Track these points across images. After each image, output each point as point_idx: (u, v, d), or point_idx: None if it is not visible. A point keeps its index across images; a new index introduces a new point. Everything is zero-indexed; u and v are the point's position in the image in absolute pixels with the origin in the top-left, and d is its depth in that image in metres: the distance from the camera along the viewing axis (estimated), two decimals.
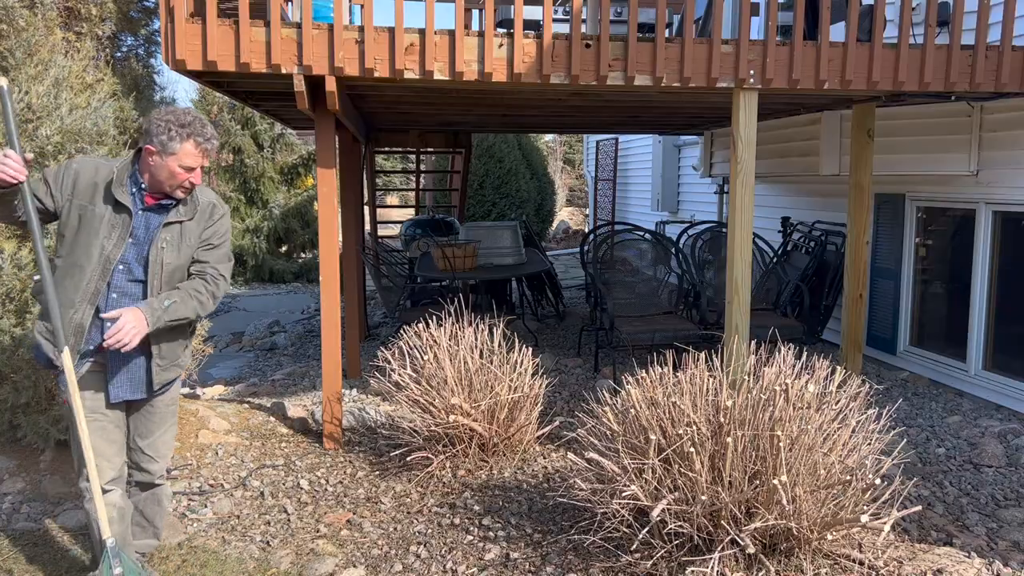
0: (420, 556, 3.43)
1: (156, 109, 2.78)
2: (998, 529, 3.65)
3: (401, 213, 16.63)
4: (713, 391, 3.24)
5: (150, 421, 2.96)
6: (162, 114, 2.71)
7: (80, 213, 2.69)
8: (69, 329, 2.70)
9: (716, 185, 9.71)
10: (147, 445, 2.97)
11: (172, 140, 2.66)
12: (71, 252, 2.70)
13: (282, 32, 4.00)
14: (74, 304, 2.70)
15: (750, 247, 4.66)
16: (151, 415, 2.95)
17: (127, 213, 2.72)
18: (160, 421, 2.98)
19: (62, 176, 2.71)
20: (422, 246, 8.48)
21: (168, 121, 2.67)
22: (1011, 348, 5.41)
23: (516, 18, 4.16)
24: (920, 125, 5.85)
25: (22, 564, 3.34)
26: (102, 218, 2.70)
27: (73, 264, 2.70)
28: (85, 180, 2.71)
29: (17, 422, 4.07)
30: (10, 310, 3.99)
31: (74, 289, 2.70)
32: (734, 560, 3.06)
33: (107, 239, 2.70)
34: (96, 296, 2.71)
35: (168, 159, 2.67)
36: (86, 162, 2.77)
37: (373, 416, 5.03)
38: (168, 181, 2.71)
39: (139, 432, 2.96)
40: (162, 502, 3.15)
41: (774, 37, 4.40)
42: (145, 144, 2.70)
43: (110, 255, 2.71)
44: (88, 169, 2.73)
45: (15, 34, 4.09)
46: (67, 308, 2.70)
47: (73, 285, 2.70)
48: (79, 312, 2.71)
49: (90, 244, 2.69)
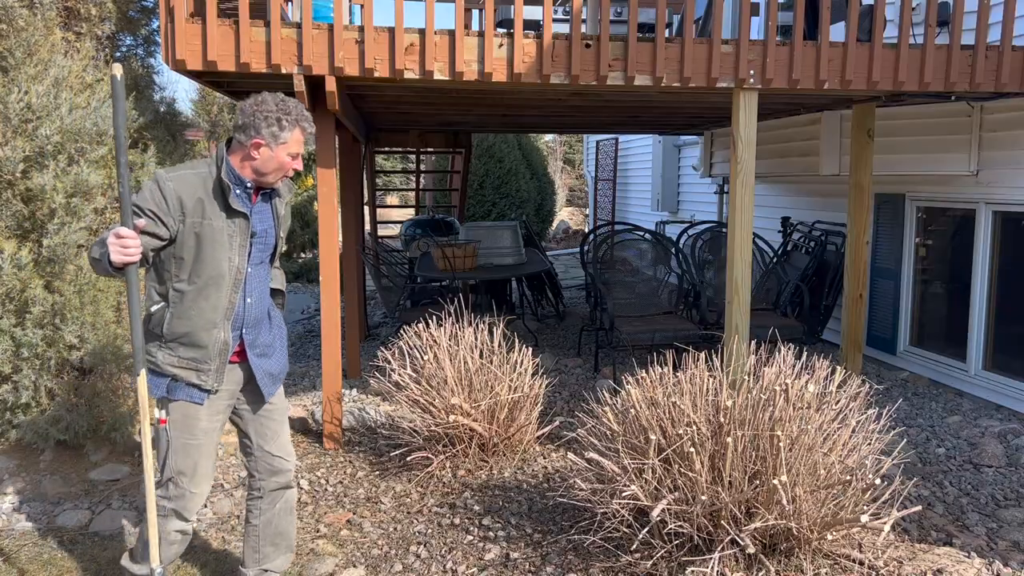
0: (420, 556, 3.43)
1: (243, 101, 2.62)
2: (998, 529, 3.65)
3: (401, 213, 16.64)
4: (713, 391, 3.24)
5: (272, 421, 2.88)
6: (258, 105, 2.58)
7: (196, 231, 2.56)
8: (215, 350, 2.63)
9: (716, 185, 9.71)
10: (278, 447, 2.89)
11: (283, 130, 2.56)
12: (198, 273, 2.59)
13: (282, 32, 4.00)
14: (216, 323, 2.62)
15: (750, 247, 4.66)
16: (271, 415, 2.88)
17: (244, 218, 2.63)
18: (281, 419, 2.93)
19: (165, 201, 2.53)
20: (422, 246, 8.48)
21: (271, 111, 2.56)
22: (1011, 348, 5.41)
23: (516, 18, 4.16)
24: (920, 125, 5.84)
25: (22, 564, 3.33)
26: (222, 231, 2.58)
27: (206, 284, 2.59)
28: (190, 197, 2.55)
29: (17, 422, 4.07)
30: (10, 310, 3.99)
31: (212, 309, 2.61)
32: (734, 560, 3.06)
33: (232, 251, 2.61)
34: (232, 308, 2.65)
35: (278, 149, 2.58)
36: (179, 178, 2.57)
37: (373, 416, 5.03)
38: (276, 172, 2.62)
39: (263, 436, 2.86)
40: (293, 510, 3.04)
41: (774, 37, 4.40)
42: (252, 139, 2.57)
43: (239, 266, 2.64)
44: (186, 185, 2.56)
45: (15, 34, 4.09)
46: (209, 329, 2.61)
47: (211, 306, 2.60)
48: (220, 330, 2.63)
49: (218, 260, 2.59)
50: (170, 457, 2.65)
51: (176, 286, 2.59)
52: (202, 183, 2.58)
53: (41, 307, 3.98)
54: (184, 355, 2.61)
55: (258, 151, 2.58)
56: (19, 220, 4.05)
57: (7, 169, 3.96)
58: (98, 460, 4.23)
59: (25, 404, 4.05)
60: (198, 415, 2.66)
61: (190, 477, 2.67)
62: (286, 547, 3.01)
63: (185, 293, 2.59)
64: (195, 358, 2.62)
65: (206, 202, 2.57)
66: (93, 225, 4.26)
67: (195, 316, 2.59)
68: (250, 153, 2.59)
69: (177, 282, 2.59)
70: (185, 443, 2.65)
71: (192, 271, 2.58)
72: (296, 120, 2.59)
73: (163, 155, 4.89)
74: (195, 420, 2.66)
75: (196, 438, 2.67)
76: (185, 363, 2.61)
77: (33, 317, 3.98)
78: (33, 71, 4.11)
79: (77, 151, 4.17)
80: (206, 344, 2.61)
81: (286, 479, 2.93)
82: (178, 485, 2.66)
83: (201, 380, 2.63)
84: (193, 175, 2.58)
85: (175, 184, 2.54)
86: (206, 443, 2.70)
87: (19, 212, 4.03)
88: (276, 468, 2.89)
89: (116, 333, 4.30)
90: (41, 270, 4.06)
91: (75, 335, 4.07)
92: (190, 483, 2.68)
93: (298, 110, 2.61)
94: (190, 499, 2.69)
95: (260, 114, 2.55)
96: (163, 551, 2.71)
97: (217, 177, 2.59)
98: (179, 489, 2.67)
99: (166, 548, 2.72)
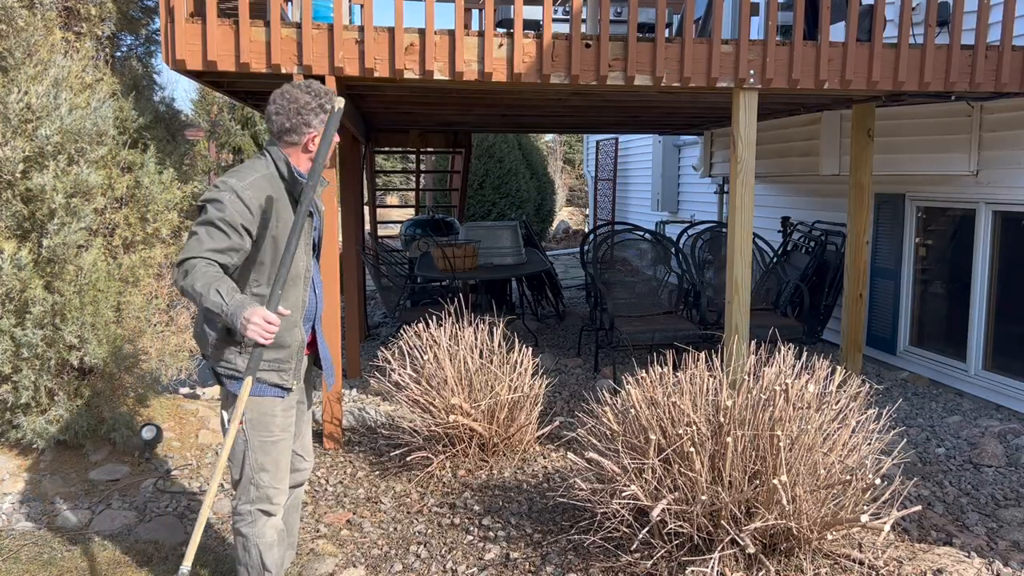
0: (420, 556, 3.43)
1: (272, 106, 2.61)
2: (998, 529, 3.65)
3: (401, 213, 16.64)
4: (713, 391, 3.24)
5: (301, 420, 2.91)
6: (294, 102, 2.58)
7: (274, 235, 2.57)
8: (296, 348, 2.66)
9: (716, 185, 9.71)
10: (301, 446, 2.93)
11: (325, 112, 2.59)
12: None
13: (282, 32, 4.00)
14: (297, 323, 2.66)
15: (750, 247, 4.66)
16: (302, 414, 2.91)
17: (310, 215, 2.65)
18: (308, 419, 2.96)
19: (249, 212, 2.51)
20: (422, 246, 8.48)
21: (309, 102, 2.57)
22: (1011, 348, 5.41)
23: (516, 18, 4.16)
24: (920, 125, 5.84)
25: (22, 564, 3.33)
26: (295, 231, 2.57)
27: (286, 286, 2.60)
28: (263, 203, 2.55)
29: (17, 422, 4.07)
30: (10, 310, 3.99)
31: (293, 309, 2.64)
32: (734, 560, 3.06)
33: (303, 250, 2.65)
34: (306, 305, 2.70)
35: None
36: (253, 185, 2.54)
37: (373, 416, 5.03)
38: (327, 158, 2.61)
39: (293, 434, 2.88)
40: (299, 507, 3.09)
41: (774, 37, 4.40)
42: (307, 134, 2.58)
43: (308, 263, 2.68)
44: (257, 190, 2.54)
45: (14, 34, 4.09)
46: (291, 329, 2.64)
47: (291, 306, 2.63)
48: (299, 328, 2.68)
49: (296, 260, 2.62)
50: (249, 457, 2.65)
51: (256, 291, 2.60)
52: (270, 185, 2.58)
53: (41, 307, 3.98)
54: (268, 357, 2.62)
55: (314, 143, 2.61)
56: (19, 220, 4.05)
57: (7, 169, 3.95)
58: (98, 460, 4.23)
59: (25, 404, 4.05)
60: (275, 412, 2.67)
61: (272, 474, 2.69)
62: (291, 544, 3.04)
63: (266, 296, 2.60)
64: (279, 359, 2.64)
65: (275, 203, 2.58)
66: (93, 225, 4.26)
67: (284, 321, 2.59)
68: (307, 147, 2.62)
69: (257, 287, 2.60)
70: (263, 441, 2.66)
71: (271, 274, 2.59)
72: (329, 97, 2.63)
73: (163, 155, 4.88)
74: (272, 418, 2.67)
75: (274, 435, 2.68)
76: (268, 364, 2.62)
77: (33, 317, 3.98)
78: (33, 71, 4.11)
79: (77, 151, 4.17)
80: (289, 344, 2.64)
81: (303, 478, 2.97)
82: (259, 486, 2.67)
83: (283, 380, 2.65)
84: (262, 179, 2.57)
85: (252, 192, 2.52)
86: (285, 439, 2.72)
87: (19, 212, 4.03)
88: (296, 467, 2.92)
89: (116, 333, 4.30)
90: (41, 270, 4.06)
91: (75, 335, 4.07)
92: (272, 479, 2.69)
93: (322, 87, 2.65)
94: (275, 495, 2.70)
95: (304, 110, 2.57)
96: (267, 558, 2.71)
97: (290, 177, 2.61)
98: (261, 490, 2.68)
99: (267, 553, 2.71)
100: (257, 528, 2.69)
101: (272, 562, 2.74)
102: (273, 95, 2.63)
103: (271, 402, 2.65)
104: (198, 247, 2.45)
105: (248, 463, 2.65)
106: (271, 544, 2.73)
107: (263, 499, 2.68)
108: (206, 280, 2.41)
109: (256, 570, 2.73)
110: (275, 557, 2.75)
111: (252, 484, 2.66)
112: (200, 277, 2.42)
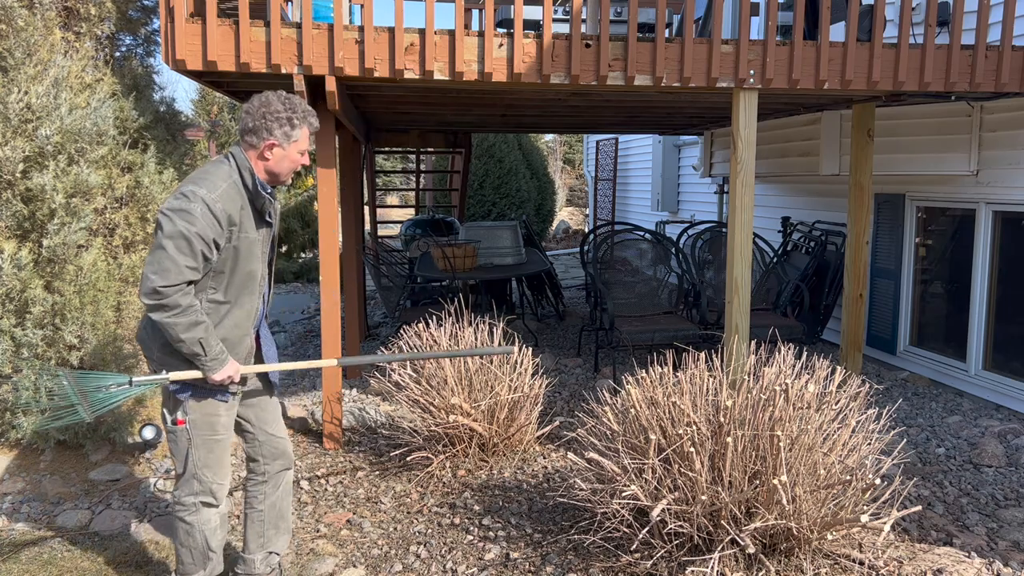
0: (420, 556, 3.43)
1: (248, 103, 2.64)
2: (998, 529, 3.65)
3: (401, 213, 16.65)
4: (713, 391, 3.24)
5: (270, 405, 2.98)
6: (266, 107, 2.60)
7: (236, 245, 2.60)
8: (244, 353, 2.74)
9: (716, 185, 9.71)
10: (277, 429, 3.01)
11: (294, 128, 2.62)
12: (233, 283, 2.64)
13: (282, 32, 4.00)
14: (248, 331, 2.73)
15: (750, 247, 4.66)
16: (269, 400, 2.98)
17: (268, 227, 2.69)
18: (276, 404, 3.04)
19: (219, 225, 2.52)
20: (422, 246, 8.48)
21: (280, 111, 2.60)
22: (1011, 348, 5.41)
23: (516, 18, 4.16)
24: (920, 125, 5.84)
25: (22, 564, 3.33)
26: (255, 241, 2.64)
27: (240, 293, 2.66)
28: (235, 212, 2.57)
29: (17, 422, 4.07)
30: (10, 310, 3.99)
31: (246, 317, 2.70)
32: (734, 560, 3.06)
33: (260, 258, 2.69)
34: (258, 312, 2.76)
35: (290, 148, 2.64)
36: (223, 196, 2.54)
37: (373, 416, 5.03)
38: (288, 171, 2.67)
39: (264, 421, 2.96)
40: (290, 491, 3.14)
41: (774, 37, 4.40)
42: (265, 140, 2.60)
43: (263, 271, 2.73)
44: (227, 202, 2.55)
45: (14, 34, 4.09)
46: (243, 337, 2.71)
47: (245, 313, 2.69)
48: (250, 336, 2.75)
49: (252, 270, 2.66)
50: (192, 454, 2.73)
51: (212, 297, 2.62)
52: (238, 194, 2.60)
53: (41, 307, 3.98)
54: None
55: (271, 151, 2.63)
56: (19, 220, 4.05)
57: (7, 169, 3.96)
58: (98, 460, 4.24)
59: (25, 404, 4.05)
60: (219, 412, 2.74)
61: (215, 470, 2.77)
62: (285, 528, 3.10)
63: (221, 304, 2.63)
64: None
65: (243, 214, 2.60)
66: (93, 225, 4.26)
67: (231, 326, 2.65)
68: (263, 154, 2.63)
69: (213, 293, 2.62)
70: (207, 439, 2.73)
71: (228, 282, 2.63)
72: (304, 117, 2.66)
73: (163, 155, 4.89)
74: (217, 418, 2.74)
75: (218, 434, 2.76)
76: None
77: (33, 317, 3.98)
78: (33, 71, 4.11)
79: (77, 151, 4.17)
80: (239, 351, 2.70)
81: (289, 460, 3.04)
82: (202, 480, 2.75)
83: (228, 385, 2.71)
84: (230, 187, 2.58)
85: (223, 204, 2.54)
86: (227, 437, 2.80)
87: (19, 212, 4.03)
88: (280, 449, 3.00)
89: (116, 333, 4.30)
90: (41, 270, 4.06)
91: (75, 335, 4.07)
92: (215, 476, 2.78)
93: (304, 107, 2.66)
94: (218, 489, 2.80)
95: (270, 116, 2.59)
96: (211, 541, 2.82)
97: (253, 188, 2.62)
98: (204, 484, 2.76)
99: (212, 537, 2.82)
100: (202, 516, 2.79)
101: (216, 544, 2.86)
102: (253, 96, 2.67)
103: (215, 404, 2.72)
104: (175, 268, 2.45)
105: (191, 459, 2.74)
106: (215, 528, 2.84)
107: (206, 492, 2.77)
108: (192, 335, 2.51)
109: (200, 552, 2.83)
110: (218, 540, 2.86)
111: (195, 479, 2.75)
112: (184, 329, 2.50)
